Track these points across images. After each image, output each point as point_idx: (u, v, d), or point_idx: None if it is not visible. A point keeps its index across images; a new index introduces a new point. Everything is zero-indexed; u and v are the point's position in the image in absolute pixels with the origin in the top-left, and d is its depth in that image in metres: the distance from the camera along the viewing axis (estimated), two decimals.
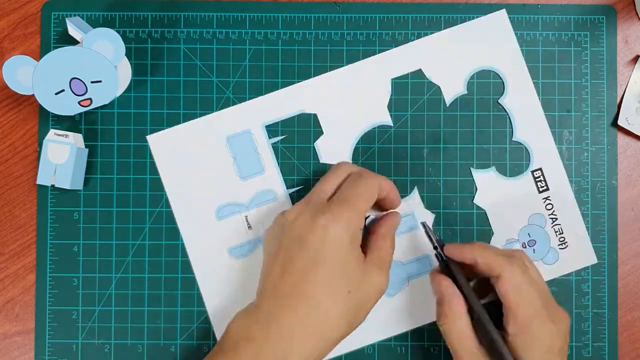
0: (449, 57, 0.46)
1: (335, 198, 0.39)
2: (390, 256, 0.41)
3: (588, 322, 0.45)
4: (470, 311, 0.39)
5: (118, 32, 0.41)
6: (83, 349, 0.45)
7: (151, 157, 0.45)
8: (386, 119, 0.45)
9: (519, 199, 0.45)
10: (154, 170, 0.45)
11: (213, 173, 0.45)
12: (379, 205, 0.43)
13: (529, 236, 0.45)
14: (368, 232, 0.42)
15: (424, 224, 0.43)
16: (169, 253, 0.45)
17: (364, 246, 0.40)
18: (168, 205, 0.45)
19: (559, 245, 0.45)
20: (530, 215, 0.45)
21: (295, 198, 0.45)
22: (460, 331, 0.39)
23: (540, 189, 0.45)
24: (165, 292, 0.45)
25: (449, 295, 0.39)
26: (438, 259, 0.42)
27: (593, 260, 0.45)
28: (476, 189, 0.45)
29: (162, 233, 0.45)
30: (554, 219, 0.45)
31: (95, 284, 0.45)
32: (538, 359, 0.37)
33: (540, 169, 0.45)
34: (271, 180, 0.45)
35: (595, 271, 0.46)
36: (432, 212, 0.46)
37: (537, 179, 0.45)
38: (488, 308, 0.39)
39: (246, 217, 0.45)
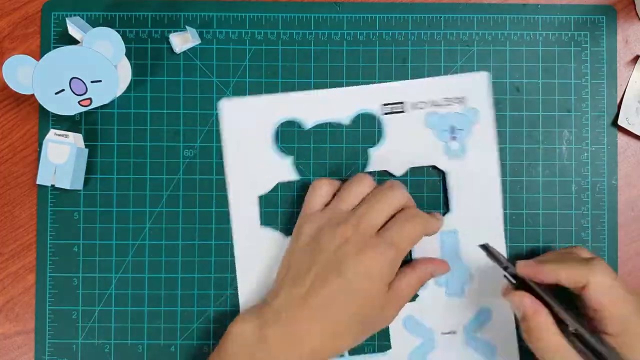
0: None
1: (384, 234, 0.40)
2: (409, 297, 0.41)
3: None
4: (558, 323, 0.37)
5: (118, 32, 0.41)
6: (83, 349, 0.45)
7: (151, 157, 0.45)
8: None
9: None
10: (154, 170, 0.45)
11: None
12: None
13: None
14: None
15: (485, 246, 0.41)
16: (169, 253, 0.45)
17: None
18: (168, 205, 0.45)
19: None
20: None
21: None
22: (555, 344, 0.37)
23: None
24: (165, 292, 0.45)
25: (533, 309, 0.37)
26: (509, 279, 0.40)
27: None
28: None
29: (162, 233, 0.45)
30: None
31: (95, 284, 0.45)
32: None
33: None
34: None
35: None
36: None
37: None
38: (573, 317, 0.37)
39: None
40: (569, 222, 0.46)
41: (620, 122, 0.46)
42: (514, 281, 0.39)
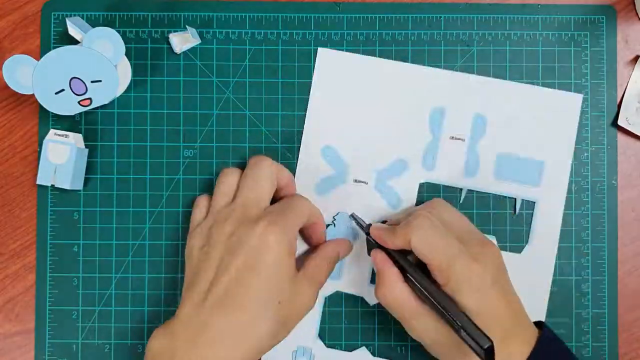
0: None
1: (271, 208, 0.40)
2: (323, 278, 0.41)
3: (588, 322, 0.45)
4: (410, 280, 0.39)
5: (118, 32, 0.41)
6: (83, 349, 0.45)
7: (151, 157, 0.45)
8: None
9: None
10: (154, 170, 0.45)
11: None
12: (305, 235, 0.44)
13: None
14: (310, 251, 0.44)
15: (352, 215, 0.44)
16: (169, 253, 0.45)
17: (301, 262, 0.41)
18: (168, 205, 0.45)
19: None
20: None
21: None
22: (398, 297, 0.39)
23: None
24: (165, 292, 0.45)
25: (381, 266, 0.40)
26: (371, 242, 0.42)
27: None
28: None
29: (162, 233, 0.45)
30: None
31: (95, 284, 0.45)
32: (472, 299, 0.37)
33: None
34: None
35: (595, 271, 0.46)
36: None
37: None
38: (424, 270, 0.39)
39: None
40: (569, 222, 0.46)
41: (620, 122, 0.46)
42: (374, 242, 0.42)
